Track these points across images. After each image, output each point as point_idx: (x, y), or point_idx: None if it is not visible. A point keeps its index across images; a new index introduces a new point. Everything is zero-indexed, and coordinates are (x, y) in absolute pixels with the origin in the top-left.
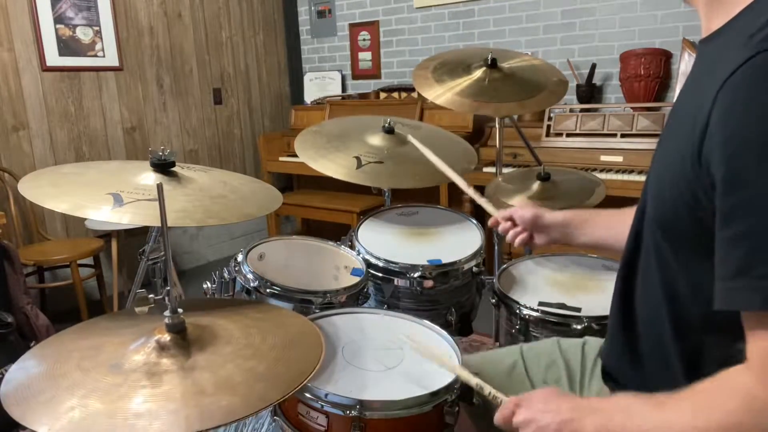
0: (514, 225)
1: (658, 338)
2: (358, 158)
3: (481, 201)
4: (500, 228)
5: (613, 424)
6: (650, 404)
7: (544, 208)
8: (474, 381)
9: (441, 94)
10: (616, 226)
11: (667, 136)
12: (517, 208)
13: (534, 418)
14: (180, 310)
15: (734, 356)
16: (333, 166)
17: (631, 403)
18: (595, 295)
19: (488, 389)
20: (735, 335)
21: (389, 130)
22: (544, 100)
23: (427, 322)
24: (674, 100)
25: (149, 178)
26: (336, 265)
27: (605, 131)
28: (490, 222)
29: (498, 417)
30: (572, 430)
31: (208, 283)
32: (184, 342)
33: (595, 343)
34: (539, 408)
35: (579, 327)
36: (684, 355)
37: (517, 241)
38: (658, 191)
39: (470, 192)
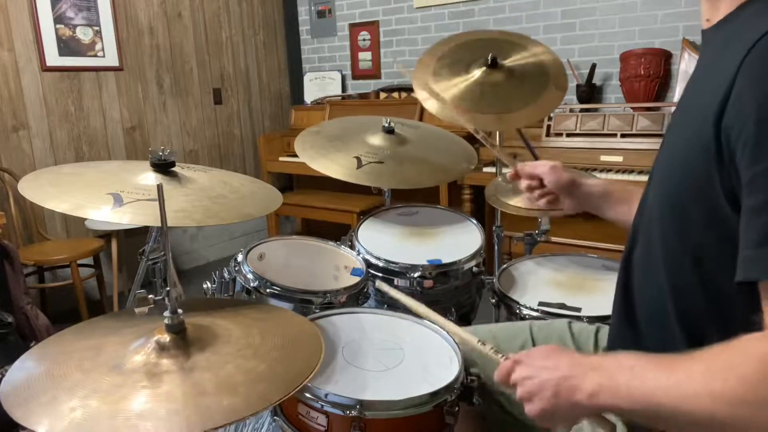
0: (541, 185)
1: (663, 329)
2: (358, 158)
3: (495, 150)
4: (523, 185)
5: (615, 383)
6: (658, 365)
7: (579, 172)
8: (474, 339)
9: (443, 108)
10: None
11: (677, 123)
12: (551, 170)
13: (532, 374)
14: (180, 311)
15: (757, 324)
16: (333, 166)
17: (636, 361)
18: (595, 295)
19: (489, 346)
20: (744, 323)
21: (389, 130)
22: (549, 102)
23: (427, 322)
24: (675, 99)
25: (149, 178)
26: (336, 265)
27: (605, 131)
28: (509, 174)
29: (497, 374)
30: (571, 386)
31: (208, 283)
32: (184, 342)
33: (607, 331)
34: (538, 364)
35: None
36: (691, 345)
37: (543, 201)
38: (668, 177)
39: (480, 136)
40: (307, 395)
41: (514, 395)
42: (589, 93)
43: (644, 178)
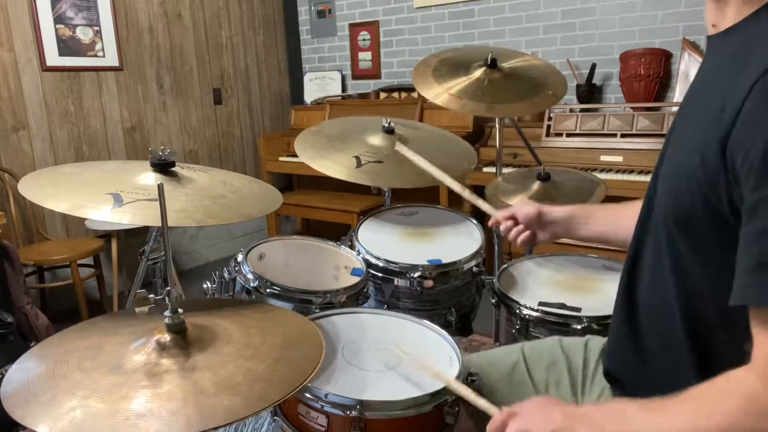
0: (516, 223)
1: (668, 336)
2: (357, 158)
3: (479, 202)
4: (502, 227)
5: (607, 430)
6: (648, 408)
7: (547, 205)
8: (467, 393)
9: (440, 93)
10: (618, 220)
11: (682, 129)
12: (520, 206)
13: (527, 427)
14: (180, 311)
15: (748, 354)
16: (333, 165)
17: (627, 407)
18: (595, 295)
19: (482, 402)
20: (750, 332)
21: (389, 130)
22: (543, 102)
23: (427, 322)
24: (675, 99)
25: (149, 178)
26: (336, 265)
27: (605, 131)
28: (490, 222)
29: (490, 425)
30: None
31: (208, 283)
32: (184, 342)
33: (597, 342)
34: (531, 418)
35: (579, 327)
36: (696, 352)
37: (520, 239)
38: (674, 185)
39: (466, 195)
40: (307, 395)
41: None
42: (589, 93)
43: (644, 178)
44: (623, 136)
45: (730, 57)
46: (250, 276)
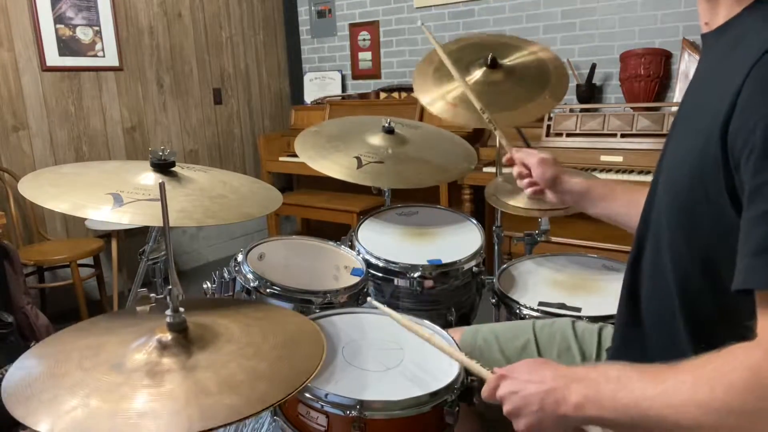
0: (530, 174)
1: (671, 335)
2: (358, 158)
3: (498, 133)
4: (514, 171)
5: (601, 394)
6: (645, 375)
7: (565, 169)
8: (462, 354)
9: (435, 99)
10: (633, 206)
11: (682, 128)
12: (539, 165)
13: (517, 389)
14: (181, 309)
15: (751, 331)
16: (333, 166)
17: (622, 372)
18: (595, 295)
19: (475, 361)
20: (753, 327)
21: (389, 130)
22: (542, 108)
23: (427, 322)
24: (675, 99)
25: (149, 178)
26: (336, 265)
27: (605, 131)
28: (505, 158)
29: (484, 390)
30: (556, 399)
31: (208, 283)
32: (185, 341)
33: (610, 332)
34: (523, 378)
35: None
36: (699, 350)
37: (529, 190)
38: (675, 183)
39: (486, 116)
40: (307, 395)
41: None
42: (589, 93)
43: (644, 178)
44: (623, 136)
45: (724, 54)
46: (250, 276)
